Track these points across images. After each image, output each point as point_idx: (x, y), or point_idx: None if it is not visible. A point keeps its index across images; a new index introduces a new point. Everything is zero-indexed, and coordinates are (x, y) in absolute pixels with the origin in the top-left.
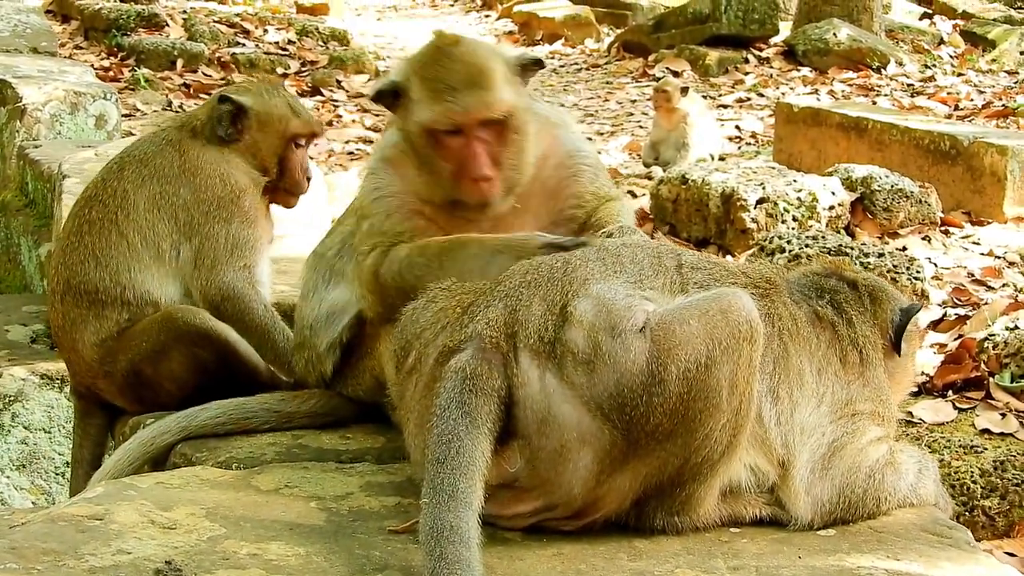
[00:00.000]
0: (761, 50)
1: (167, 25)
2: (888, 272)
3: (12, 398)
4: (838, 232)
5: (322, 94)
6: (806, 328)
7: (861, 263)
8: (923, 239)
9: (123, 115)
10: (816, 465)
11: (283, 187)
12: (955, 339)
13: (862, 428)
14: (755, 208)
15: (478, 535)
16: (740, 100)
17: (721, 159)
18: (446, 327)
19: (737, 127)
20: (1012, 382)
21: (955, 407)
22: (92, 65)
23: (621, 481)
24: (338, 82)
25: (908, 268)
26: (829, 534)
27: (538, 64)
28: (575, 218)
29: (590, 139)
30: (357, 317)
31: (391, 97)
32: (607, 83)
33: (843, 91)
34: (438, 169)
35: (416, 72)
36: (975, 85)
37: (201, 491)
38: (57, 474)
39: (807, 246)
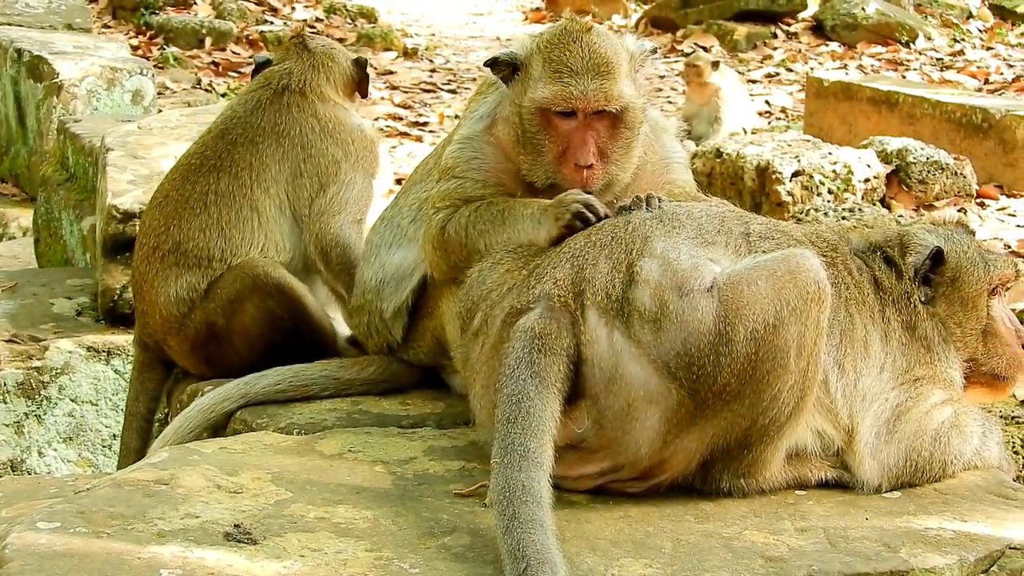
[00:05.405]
0: (789, 25)
1: (195, 4)
2: None
3: (59, 371)
4: (873, 204)
5: None
6: (870, 296)
7: None
8: (959, 211)
9: None
10: (881, 430)
11: None
12: None
13: (926, 392)
14: (790, 181)
15: (550, 495)
16: (769, 75)
17: (753, 133)
18: (513, 288)
19: (767, 102)
20: None
21: None
22: None
23: (688, 442)
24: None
25: None
26: (895, 496)
27: (653, 52)
28: None
29: None
30: (422, 280)
31: (507, 68)
32: None
33: (872, 66)
34: (543, 149)
35: (540, 50)
36: (1004, 59)
37: (265, 456)
38: (104, 446)
39: (843, 219)
